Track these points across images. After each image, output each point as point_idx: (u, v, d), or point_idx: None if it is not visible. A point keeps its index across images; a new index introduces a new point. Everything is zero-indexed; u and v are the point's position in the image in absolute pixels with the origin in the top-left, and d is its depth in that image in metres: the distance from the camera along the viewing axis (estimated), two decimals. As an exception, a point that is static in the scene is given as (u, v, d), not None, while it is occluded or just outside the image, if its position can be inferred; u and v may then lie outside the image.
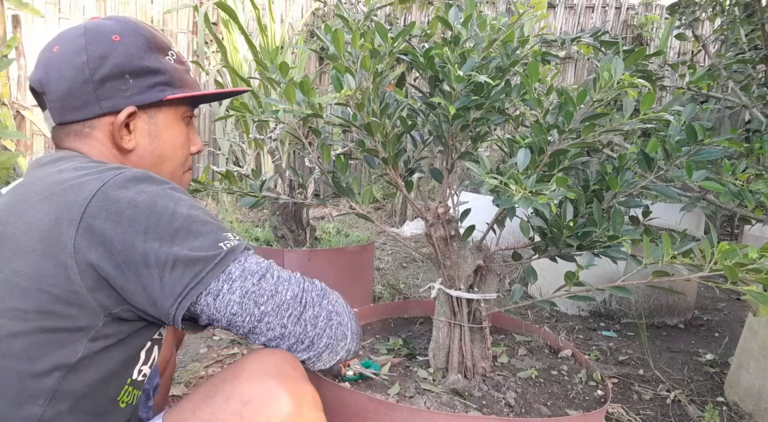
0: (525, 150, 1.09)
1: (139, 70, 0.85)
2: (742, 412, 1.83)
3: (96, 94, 0.83)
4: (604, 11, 5.17)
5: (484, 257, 1.36)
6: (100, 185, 0.71)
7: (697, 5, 1.91)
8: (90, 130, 0.85)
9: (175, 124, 0.92)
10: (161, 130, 0.89)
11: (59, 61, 0.83)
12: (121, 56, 0.84)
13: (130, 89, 0.84)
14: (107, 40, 0.84)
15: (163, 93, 0.87)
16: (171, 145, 0.91)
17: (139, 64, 0.85)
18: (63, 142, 0.86)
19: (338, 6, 1.39)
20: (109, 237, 0.68)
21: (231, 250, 0.75)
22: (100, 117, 0.84)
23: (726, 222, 3.94)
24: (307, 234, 2.48)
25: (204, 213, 0.76)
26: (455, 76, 1.12)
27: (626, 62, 1.05)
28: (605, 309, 2.64)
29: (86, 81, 0.82)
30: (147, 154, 0.89)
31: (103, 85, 0.83)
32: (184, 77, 0.92)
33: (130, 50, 0.85)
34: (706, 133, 1.13)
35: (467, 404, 1.26)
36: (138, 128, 0.87)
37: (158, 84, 0.87)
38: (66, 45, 0.83)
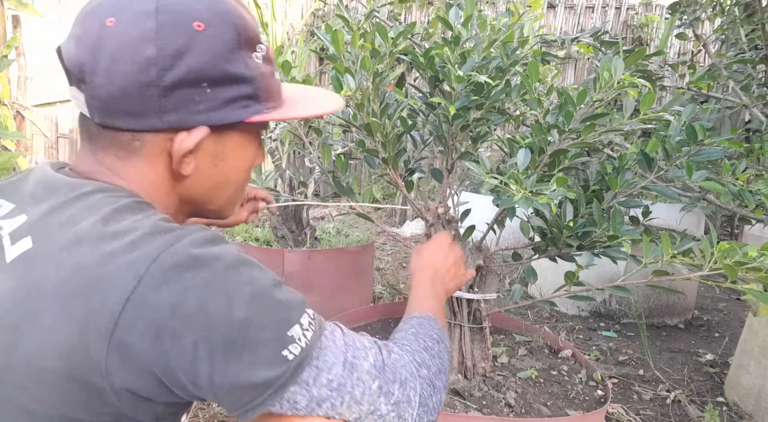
0: (525, 150, 1.09)
1: (221, 76, 0.62)
2: (742, 412, 1.82)
3: (160, 103, 0.60)
4: (604, 11, 5.17)
5: (484, 257, 1.36)
6: (135, 283, 0.53)
7: (698, 5, 1.91)
8: (140, 145, 0.63)
9: (247, 143, 0.70)
10: (229, 151, 0.68)
11: (115, 46, 0.59)
12: (202, 56, 0.60)
13: (205, 102, 0.62)
14: (187, 28, 0.60)
15: (245, 111, 0.65)
16: (237, 168, 0.70)
17: (223, 68, 0.62)
18: (98, 149, 0.65)
19: (339, 6, 1.39)
20: (149, 357, 0.53)
21: (299, 363, 0.59)
22: (158, 132, 0.63)
23: (726, 222, 3.94)
24: (307, 234, 2.48)
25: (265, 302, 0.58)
26: (455, 76, 1.12)
27: (626, 62, 1.05)
28: (605, 309, 2.65)
29: (150, 84, 0.59)
30: (204, 179, 0.68)
31: (171, 92, 0.60)
32: (270, 85, 0.68)
33: (215, 48, 0.61)
34: (706, 133, 1.13)
35: (467, 404, 1.26)
36: (201, 149, 0.65)
37: (241, 97, 0.64)
38: (127, 22, 0.59)
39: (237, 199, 0.75)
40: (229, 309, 0.55)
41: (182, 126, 0.62)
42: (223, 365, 0.55)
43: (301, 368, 0.59)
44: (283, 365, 0.57)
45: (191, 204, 0.71)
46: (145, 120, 0.61)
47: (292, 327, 0.59)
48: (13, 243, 0.58)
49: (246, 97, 0.65)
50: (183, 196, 0.69)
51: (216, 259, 0.56)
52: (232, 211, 0.76)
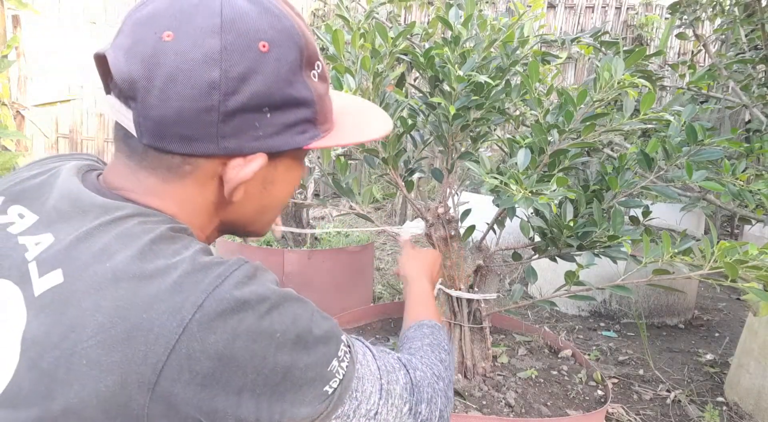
0: (525, 150, 1.09)
1: (282, 101, 0.58)
2: (742, 412, 1.83)
3: (219, 128, 0.56)
4: (604, 11, 5.18)
5: (484, 257, 1.36)
6: (180, 332, 0.50)
7: (698, 4, 1.91)
8: (191, 170, 0.59)
9: (295, 165, 0.66)
10: (279, 174, 0.64)
11: (174, 65, 0.54)
12: (266, 80, 0.56)
13: (264, 128, 0.58)
14: (253, 49, 0.56)
15: (303, 137, 0.61)
16: (284, 191, 0.67)
17: (286, 92, 0.58)
18: (141, 169, 0.60)
19: (339, 6, 1.39)
20: (194, 405, 0.51)
21: (340, 396, 0.60)
22: (213, 157, 0.58)
23: (726, 222, 3.94)
24: (307, 234, 2.48)
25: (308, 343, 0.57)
26: (455, 76, 1.12)
27: (627, 62, 1.05)
28: (605, 310, 2.65)
29: (210, 109, 0.55)
30: (251, 204, 0.65)
31: (232, 118, 0.56)
32: (326, 105, 0.64)
33: (280, 71, 0.57)
34: (706, 133, 1.13)
35: (467, 404, 1.26)
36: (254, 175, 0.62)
37: (300, 122, 0.60)
38: (189, 39, 0.54)
39: (276, 218, 0.73)
40: (275, 354, 0.54)
41: (240, 152, 0.58)
42: (268, 406, 0.55)
43: (341, 401, 0.60)
44: (325, 400, 0.58)
45: (232, 225, 0.68)
46: (200, 145, 0.57)
47: (331, 362, 0.59)
48: (41, 274, 0.54)
49: (305, 121, 0.61)
50: (225, 219, 0.66)
51: (260, 301, 0.54)
52: (269, 229, 0.74)
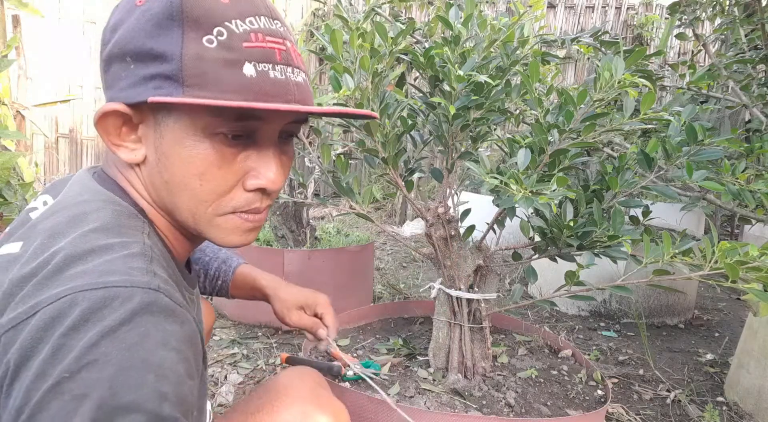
0: (525, 150, 1.09)
1: (142, 52, 0.58)
2: (742, 412, 1.82)
3: (105, 79, 0.62)
4: (604, 11, 5.18)
5: (484, 257, 1.36)
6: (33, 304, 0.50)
7: (698, 4, 1.91)
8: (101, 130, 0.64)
9: (189, 140, 0.61)
10: (168, 145, 0.61)
11: None
12: (128, 30, 0.59)
13: (128, 78, 0.59)
14: (131, 4, 0.61)
15: (154, 91, 0.58)
16: (181, 171, 0.62)
17: (144, 43, 0.58)
18: None
19: (338, 6, 1.39)
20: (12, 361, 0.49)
21: None
22: None
23: (726, 222, 3.94)
24: (307, 234, 2.48)
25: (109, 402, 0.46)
26: (455, 76, 1.12)
27: (627, 62, 1.05)
28: (605, 309, 2.65)
29: (101, 59, 0.63)
30: (155, 175, 0.63)
31: (109, 67, 0.61)
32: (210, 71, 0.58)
33: (140, 22, 0.58)
34: (706, 133, 1.13)
35: (467, 404, 1.25)
36: (146, 137, 0.62)
37: (156, 76, 0.58)
38: None
39: (202, 212, 0.64)
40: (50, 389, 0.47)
41: None
42: None
43: None
44: None
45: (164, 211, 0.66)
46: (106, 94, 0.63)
47: None
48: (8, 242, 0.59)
49: (163, 76, 0.58)
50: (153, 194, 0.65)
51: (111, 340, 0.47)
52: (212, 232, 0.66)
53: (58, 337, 0.47)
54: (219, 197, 0.64)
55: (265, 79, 0.60)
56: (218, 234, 0.66)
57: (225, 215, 0.65)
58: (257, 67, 0.59)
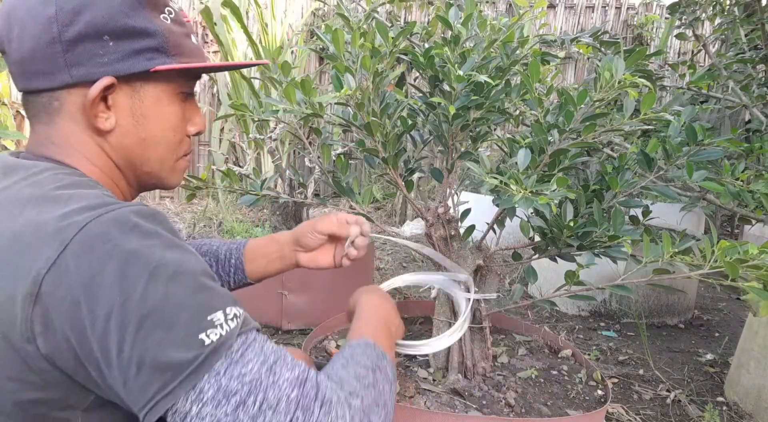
0: (525, 150, 1.09)
1: (122, 30, 0.67)
2: (742, 412, 1.83)
3: (65, 58, 0.65)
4: (604, 11, 5.17)
5: (484, 257, 1.36)
6: (60, 249, 0.54)
7: (698, 5, 1.91)
8: (59, 104, 0.68)
9: (166, 100, 0.73)
10: (147, 107, 0.71)
11: (22, 14, 0.66)
12: (100, 11, 0.66)
13: (109, 54, 0.67)
14: None
15: (151, 62, 0.69)
16: (160, 126, 0.73)
17: (123, 22, 0.67)
18: (33, 119, 0.71)
19: (339, 5, 1.39)
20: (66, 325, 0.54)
21: (215, 349, 0.55)
22: (71, 87, 0.67)
23: (726, 222, 3.94)
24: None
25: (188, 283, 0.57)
26: (455, 76, 1.12)
27: (627, 62, 1.05)
28: (605, 309, 2.65)
29: (53, 41, 0.65)
30: (130, 136, 0.71)
31: (74, 47, 0.65)
32: (181, 42, 0.72)
33: (111, 3, 0.66)
34: (706, 133, 1.13)
35: (467, 404, 1.26)
36: (118, 104, 0.69)
37: (146, 49, 0.69)
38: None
39: (169, 160, 0.77)
40: (147, 283, 0.54)
41: (90, 79, 0.67)
42: (133, 340, 0.53)
43: (216, 355, 0.55)
44: (198, 348, 0.54)
45: (127, 168, 0.74)
46: (55, 77, 0.66)
47: (215, 313, 0.56)
48: None
49: (152, 49, 0.69)
50: (115, 158, 0.72)
51: (146, 231, 0.57)
52: (171, 176, 0.79)
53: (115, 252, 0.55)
54: (179, 145, 0.78)
55: (200, 46, 0.77)
56: (173, 177, 0.79)
57: (179, 159, 0.79)
58: (194, 37, 0.76)
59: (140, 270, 0.54)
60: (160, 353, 0.53)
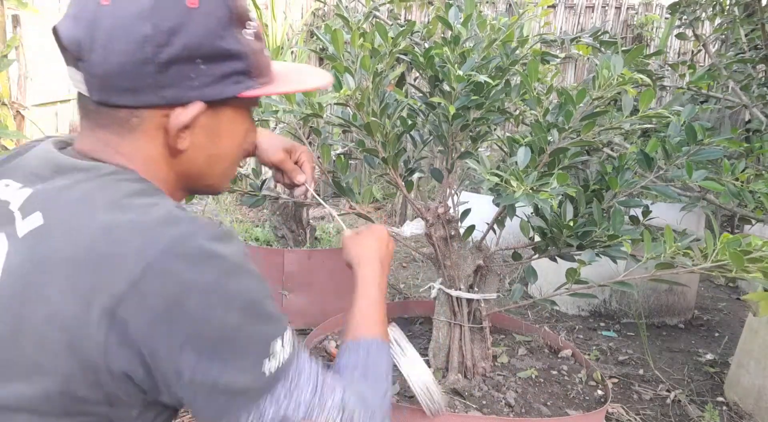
0: (525, 149, 1.09)
1: (215, 53, 0.64)
2: (742, 412, 1.82)
3: (156, 79, 0.62)
4: (604, 11, 5.17)
5: (484, 257, 1.36)
6: (143, 267, 0.55)
7: (698, 4, 1.91)
8: (139, 122, 0.65)
9: (239, 118, 0.72)
10: (223, 127, 0.70)
11: (111, 25, 0.60)
12: (196, 33, 0.62)
13: (200, 77, 0.64)
14: (181, 5, 0.62)
15: (237, 86, 0.67)
16: (231, 143, 0.73)
17: (217, 44, 0.64)
18: (97, 127, 0.66)
19: (338, 6, 1.39)
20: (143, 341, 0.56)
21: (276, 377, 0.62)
22: (155, 108, 0.65)
23: (726, 222, 3.94)
24: (307, 234, 2.48)
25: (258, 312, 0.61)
26: (455, 76, 1.12)
27: (625, 59, 1.05)
28: (605, 309, 2.64)
29: (146, 61, 0.61)
30: (201, 155, 0.70)
31: (167, 69, 0.62)
32: (261, 61, 0.70)
33: (209, 24, 0.63)
34: (706, 133, 1.13)
35: (467, 404, 1.25)
36: (197, 125, 0.68)
37: (234, 73, 0.67)
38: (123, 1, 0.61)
39: (232, 173, 0.78)
40: (225, 313, 0.58)
41: (178, 101, 0.65)
42: (208, 364, 0.57)
43: (276, 380, 0.62)
44: (262, 375, 0.60)
45: (188, 179, 0.73)
46: (142, 96, 0.63)
47: (275, 340, 0.62)
48: (24, 217, 0.60)
49: (239, 72, 0.67)
50: (180, 171, 0.71)
51: (223, 260, 0.59)
52: (227, 186, 0.80)
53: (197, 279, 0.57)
54: (243, 155, 0.79)
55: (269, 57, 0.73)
56: (227, 185, 0.81)
57: None
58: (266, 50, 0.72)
59: (218, 299, 0.57)
60: (230, 378, 0.59)
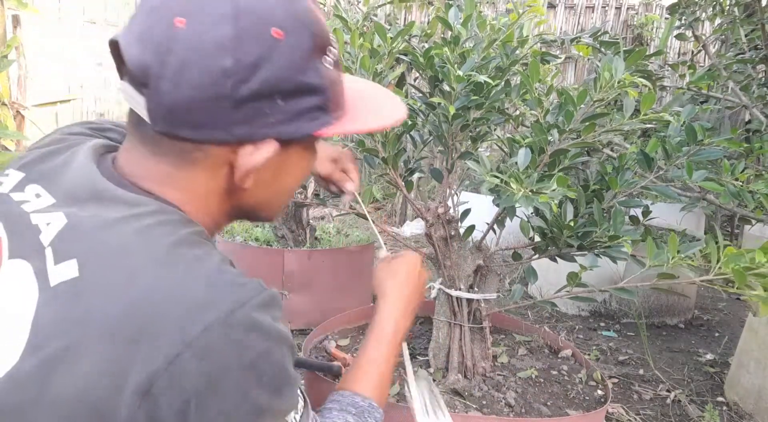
0: (525, 149, 1.09)
1: (294, 88, 0.58)
2: (742, 412, 1.83)
3: (230, 115, 0.56)
4: (604, 11, 5.18)
5: (484, 257, 1.36)
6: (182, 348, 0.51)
7: (697, 5, 1.91)
8: (202, 156, 0.59)
9: (307, 153, 0.66)
10: (292, 163, 0.64)
11: (185, 53, 0.53)
12: (279, 67, 0.56)
13: (276, 114, 0.58)
14: (266, 36, 0.55)
15: (314, 123, 0.61)
16: (295, 178, 0.68)
17: (298, 79, 0.58)
18: (153, 155, 0.60)
19: (337, 6, 1.40)
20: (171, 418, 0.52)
21: None
22: (223, 144, 0.59)
23: (726, 222, 3.94)
24: (307, 234, 2.48)
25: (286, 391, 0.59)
26: (455, 76, 1.12)
27: (627, 62, 1.05)
28: (605, 309, 2.64)
29: (222, 96, 0.55)
30: (262, 191, 0.65)
31: (243, 105, 0.56)
32: (338, 92, 0.63)
33: (293, 58, 0.57)
34: (706, 133, 1.13)
35: (467, 404, 1.26)
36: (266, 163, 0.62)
37: (312, 109, 0.60)
38: (201, 26, 0.53)
39: (287, 203, 0.77)
40: (259, 392, 0.56)
41: (249, 139, 0.59)
42: None
43: None
44: None
45: (240, 211, 0.68)
46: (211, 131, 0.57)
47: (292, 411, 0.63)
48: (57, 262, 0.54)
49: (316, 108, 0.61)
50: (234, 205, 0.66)
51: (267, 334, 0.56)
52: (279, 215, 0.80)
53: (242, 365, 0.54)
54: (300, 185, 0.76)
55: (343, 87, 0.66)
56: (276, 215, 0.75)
57: None
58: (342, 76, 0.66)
59: (254, 380, 0.55)
60: None
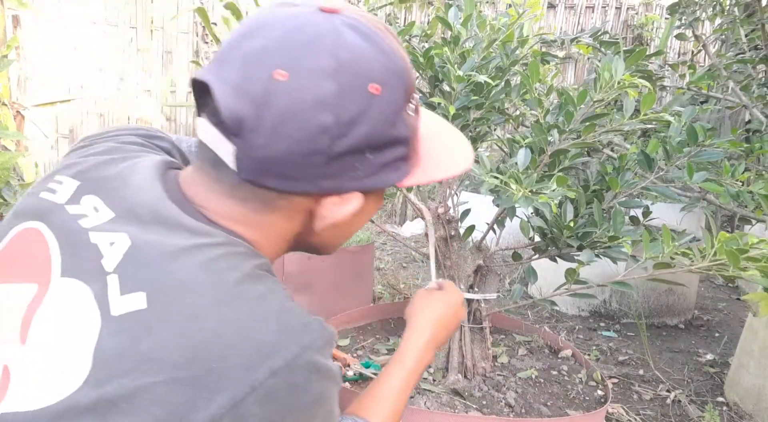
0: (525, 150, 1.09)
1: (385, 142, 0.57)
2: (742, 412, 1.83)
3: (321, 170, 0.55)
4: (604, 11, 5.18)
5: (484, 257, 1.36)
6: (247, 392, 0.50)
7: (698, 5, 1.91)
8: (285, 204, 0.59)
9: (381, 197, 0.67)
10: (365, 209, 0.63)
11: (285, 107, 0.52)
12: (374, 123, 0.55)
13: (364, 168, 0.57)
14: (364, 91, 0.54)
15: (396, 173, 0.60)
16: (363, 219, 0.67)
17: (389, 133, 0.57)
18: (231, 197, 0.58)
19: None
20: None
21: None
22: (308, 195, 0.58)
23: (726, 222, 3.94)
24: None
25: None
26: (455, 76, 1.12)
27: (627, 62, 1.05)
28: (605, 309, 2.64)
29: (317, 152, 0.54)
30: (332, 233, 0.65)
31: (336, 161, 0.55)
32: (417, 138, 0.63)
33: (386, 112, 0.56)
34: (707, 133, 1.13)
35: (467, 404, 1.26)
36: None
37: (397, 159, 0.60)
38: (304, 81, 0.52)
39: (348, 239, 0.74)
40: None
41: (336, 191, 0.58)
42: None
43: None
44: None
45: (305, 246, 0.68)
46: (299, 184, 0.56)
47: None
48: (123, 292, 0.53)
49: (399, 159, 0.60)
50: (301, 241, 0.66)
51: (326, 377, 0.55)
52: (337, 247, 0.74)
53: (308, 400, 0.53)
54: None
55: None
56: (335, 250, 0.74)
57: None
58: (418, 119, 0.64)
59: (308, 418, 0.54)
60: None
